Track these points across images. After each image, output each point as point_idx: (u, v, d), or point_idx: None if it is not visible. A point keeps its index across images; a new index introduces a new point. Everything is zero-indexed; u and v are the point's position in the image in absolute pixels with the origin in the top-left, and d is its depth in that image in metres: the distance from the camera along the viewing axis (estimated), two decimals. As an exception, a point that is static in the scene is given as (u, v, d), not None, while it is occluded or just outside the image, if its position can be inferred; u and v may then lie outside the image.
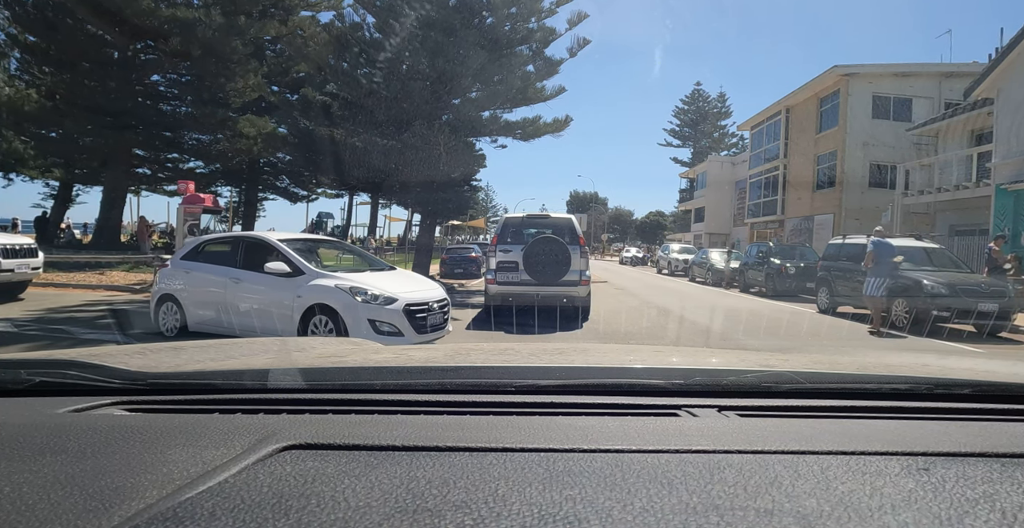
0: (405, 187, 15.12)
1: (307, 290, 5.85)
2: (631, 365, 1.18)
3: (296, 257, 6.16)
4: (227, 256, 6.63)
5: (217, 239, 7.52)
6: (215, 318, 6.27)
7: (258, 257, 6.41)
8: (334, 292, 5.75)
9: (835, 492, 0.56)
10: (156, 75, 20.01)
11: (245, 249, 6.57)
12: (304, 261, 6.16)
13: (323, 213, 42.96)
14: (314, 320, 5.78)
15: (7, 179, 22.49)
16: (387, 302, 5.74)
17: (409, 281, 6.58)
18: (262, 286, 6.12)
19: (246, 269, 6.34)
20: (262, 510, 0.51)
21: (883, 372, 1.14)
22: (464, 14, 13.26)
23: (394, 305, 5.74)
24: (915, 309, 8.90)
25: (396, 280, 6.40)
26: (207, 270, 6.58)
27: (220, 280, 6.38)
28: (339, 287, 5.78)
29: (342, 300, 5.71)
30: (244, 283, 6.27)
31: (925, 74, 22.19)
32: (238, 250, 6.59)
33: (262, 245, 6.54)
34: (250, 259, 6.45)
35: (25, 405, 0.86)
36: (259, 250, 6.50)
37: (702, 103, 64.29)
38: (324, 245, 7.89)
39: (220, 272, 6.44)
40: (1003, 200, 14.77)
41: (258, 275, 6.15)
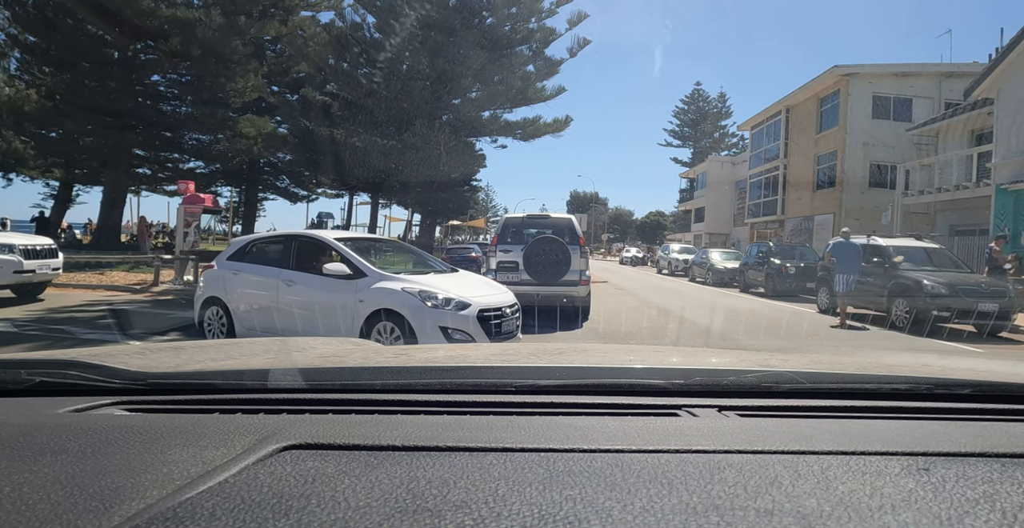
0: (405, 187, 15.15)
1: (370, 294, 5.39)
2: (631, 365, 1.18)
3: (357, 257, 5.71)
4: (278, 256, 6.21)
5: (267, 238, 7.10)
6: (266, 323, 5.89)
7: (313, 257, 6.02)
8: (401, 296, 5.29)
9: (835, 492, 0.56)
10: (156, 75, 20.03)
11: (298, 249, 6.14)
12: (365, 262, 5.71)
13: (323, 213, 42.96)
14: (378, 326, 5.34)
15: (7, 179, 22.54)
16: (460, 307, 5.32)
17: (477, 284, 6.16)
18: (319, 289, 5.66)
19: (299, 270, 5.92)
20: (262, 510, 0.51)
21: (883, 372, 1.14)
22: (464, 14, 13.27)
23: (467, 311, 5.33)
24: (915, 309, 8.90)
25: (464, 283, 5.97)
26: (256, 271, 6.16)
27: (271, 282, 5.95)
28: (407, 291, 5.32)
29: (410, 305, 5.25)
30: (298, 286, 5.82)
31: (925, 74, 22.20)
32: (290, 250, 6.15)
33: (317, 244, 6.14)
34: (304, 260, 6.03)
35: (25, 405, 0.86)
36: (314, 250, 6.11)
37: (702, 103, 64.32)
38: (380, 244, 7.29)
39: (271, 274, 6.02)
40: (1003, 200, 14.77)
41: (314, 277, 5.73)
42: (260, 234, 8.73)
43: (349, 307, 5.45)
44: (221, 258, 6.62)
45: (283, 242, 6.45)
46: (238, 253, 6.47)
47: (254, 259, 6.35)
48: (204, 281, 6.58)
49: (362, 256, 5.83)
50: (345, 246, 5.90)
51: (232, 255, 6.49)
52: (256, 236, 7.23)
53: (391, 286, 5.40)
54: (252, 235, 7.81)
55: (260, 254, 6.42)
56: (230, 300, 6.17)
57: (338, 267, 5.56)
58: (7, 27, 17.52)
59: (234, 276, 6.25)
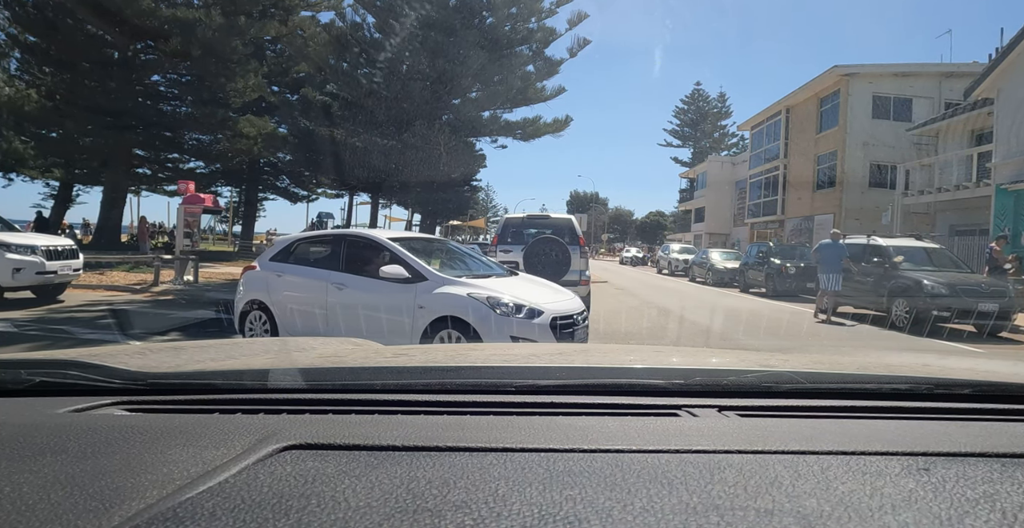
0: (405, 187, 15.15)
1: (432, 299, 4.96)
2: (631, 365, 1.18)
3: (415, 260, 5.28)
4: (326, 257, 5.84)
5: (313, 238, 6.73)
6: (313, 330, 5.49)
7: (364, 259, 5.62)
8: (467, 302, 4.83)
9: (835, 492, 0.56)
10: (156, 75, 20.03)
11: (348, 249, 5.73)
12: (425, 265, 5.29)
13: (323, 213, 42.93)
14: (441, 335, 4.94)
15: (7, 179, 22.54)
16: (531, 315, 4.84)
17: (543, 289, 5.64)
18: (373, 293, 5.24)
19: (350, 273, 5.51)
20: (262, 510, 0.51)
21: (883, 372, 1.14)
22: (464, 14, 13.28)
23: (540, 319, 4.84)
24: (915, 309, 8.91)
25: (530, 287, 5.51)
26: (303, 273, 5.77)
27: (319, 285, 5.54)
28: (473, 296, 4.86)
29: (478, 312, 4.78)
30: (349, 289, 5.39)
31: (925, 74, 22.20)
32: (340, 251, 5.73)
33: (369, 245, 5.71)
34: (355, 261, 5.63)
35: (25, 405, 0.86)
36: (366, 251, 5.69)
37: (702, 103, 64.32)
38: (433, 244, 6.67)
39: (319, 276, 5.62)
40: (1003, 200, 14.77)
41: (367, 280, 5.34)
42: (305, 233, 8.19)
43: (407, 313, 5.03)
44: (264, 258, 6.24)
45: (331, 242, 6.06)
46: (282, 253, 6.08)
47: (299, 260, 5.99)
48: (245, 282, 6.17)
49: (418, 258, 5.39)
50: (401, 247, 5.46)
51: (276, 255, 6.11)
52: (301, 235, 6.83)
53: (455, 291, 4.95)
54: (297, 234, 7.17)
55: (306, 254, 6.07)
56: (274, 303, 5.79)
57: (396, 270, 5.12)
58: (7, 27, 17.52)
59: (278, 278, 5.86)
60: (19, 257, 8.60)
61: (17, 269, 8.53)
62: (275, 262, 6.04)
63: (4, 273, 8.46)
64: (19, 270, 8.55)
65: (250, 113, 19.51)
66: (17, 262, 8.56)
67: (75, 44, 16.90)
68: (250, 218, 28.64)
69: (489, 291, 4.97)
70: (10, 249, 8.58)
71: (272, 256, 6.14)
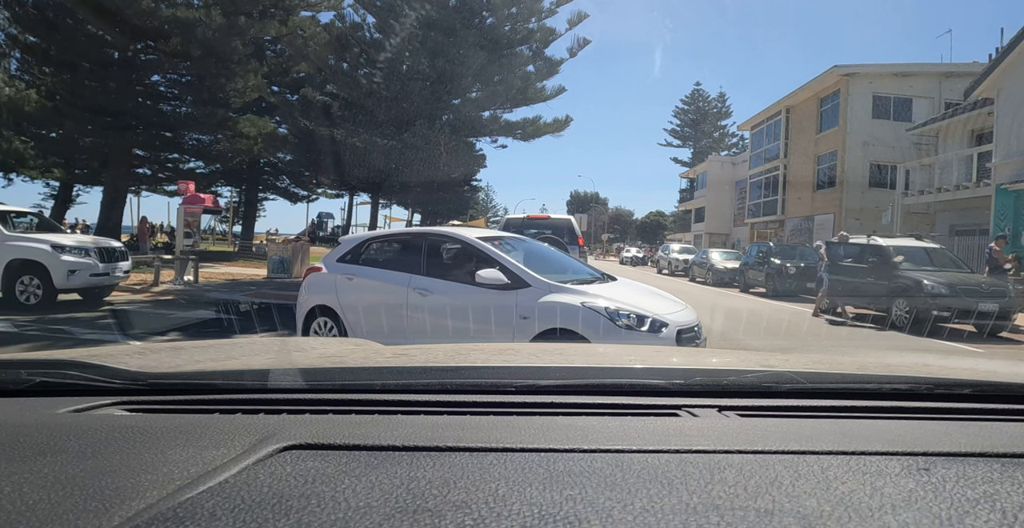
0: (405, 187, 15.16)
1: (539, 309, 4.33)
2: (631, 365, 1.18)
3: (515, 263, 4.67)
4: (405, 259, 5.29)
5: (388, 237, 6.09)
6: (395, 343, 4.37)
7: (451, 261, 5.13)
8: (582, 313, 4.23)
9: (835, 492, 0.56)
10: (156, 75, 20.01)
11: (431, 250, 5.18)
12: (528, 269, 4.65)
13: (323, 213, 43.10)
14: None
15: (7, 179, 22.55)
16: (656, 327, 4.23)
17: (655, 296, 5.04)
18: (465, 302, 4.61)
19: (435, 277, 4.94)
20: (262, 510, 0.51)
21: (883, 372, 1.14)
22: (464, 14, 13.28)
23: (665, 331, 4.24)
24: (915, 309, 8.91)
25: (642, 295, 4.88)
26: (378, 277, 5.21)
27: (398, 291, 4.92)
28: (589, 307, 4.26)
29: (594, 325, 4.19)
30: (435, 296, 4.79)
31: (925, 74, 22.20)
32: (421, 252, 5.16)
33: (457, 246, 5.17)
34: (440, 264, 5.12)
35: (25, 405, 0.86)
36: (452, 252, 5.19)
37: (702, 103, 64.31)
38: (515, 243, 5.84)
39: (398, 280, 5.02)
40: (1003, 200, 14.77)
41: (456, 286, 4.77)
42: (379, 231, 7.31)
43: (507, 325, 4.42)
44: (330, 259, 5.65)
45: (410, 242, 5.53)
46: (351, 254, 5.50)
47: (373, 261, 5.43)
48: (309, 286, 5.59)
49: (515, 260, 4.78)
50: (495, 248, 4.88)
51: (343, 256, 5.53)
52: (374, 234, 6.25)
53: (566, 300, 4.32)
54: (368, 233, 6.52)
55: (380, 256, 5.54)
56: (345, 310, 5.19)
57: (494, 275, 4.50)
58: (7, 27, 17.51)
59: (349, 282, 5.27)
60: (74, 259, 8.58)
61: (72, 271, 8.51)
62: (344, 263, 5.45)
63: (59, 275, 8.43)
64: (74, 272, 8.53)
65: (250, 113, 19.49)
66: (72, 264, 8.54)
67: (75, 44, 16.88)
68: (250, 218, 28.64)
69: (605, 300, 4.34)
70: (65, 251, 8.56)
71: (340, 256, 5.55)
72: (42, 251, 8.48)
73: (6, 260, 8.44)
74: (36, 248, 8.52)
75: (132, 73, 18.20)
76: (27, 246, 8.55)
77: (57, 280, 8.45)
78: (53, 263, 8.42)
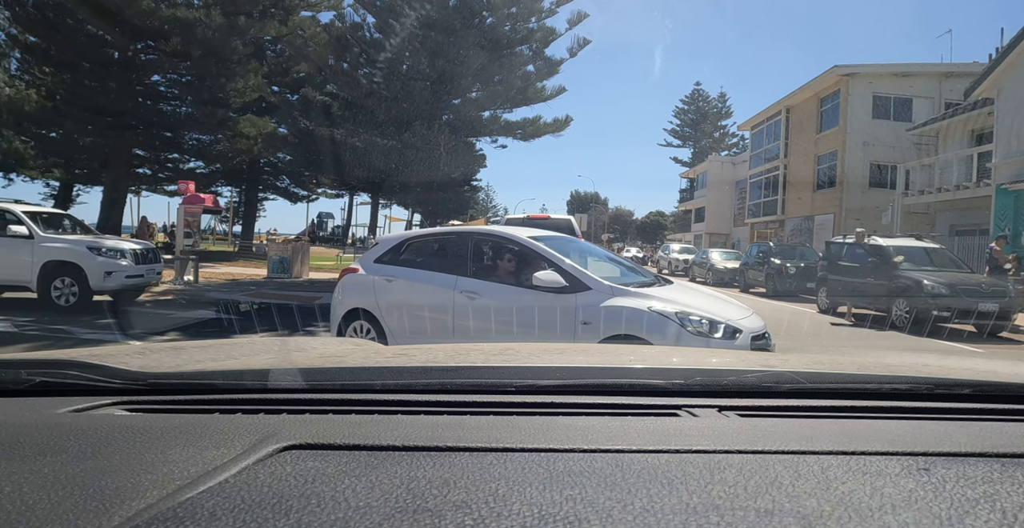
0: (405, 187, 15.16)
1: (602, 314, 4.06)
2: (631, 365, 1.18)
3: (573, 265, 4.35)
4: (448, 260, 4.98)
5: (429, 236, 5.71)
6: None
7: (500, 262, 4.81)
8: (649, 318, 3.95)
9: (835, 492, 0.56)
10: (156, 75, 20.03)
11: (478, 251, 4.88)
12: (587, 271, 4.34)
13: (323, 213, 43.17)
14: None
15: (7, 179, 22.55)
16: (730, 334, 3.96)
17: (718, 300, 4.70)
18: (519, 305, 4.28)
19: (482, 278, 4.64)
20: (262, 510, 0.51)
21: (883, 372, 1.14)
22: (464, 14, 13.28)
23: (740, 339, 3.97)
24: (915, 309, 8.91)
25: (707, 299, 4.56)
26: (421, 279, 4.88)
27: (445, 294, 4.62)
28: (658, 312, 3.96)
29: (664, 331, 3.90)
30: (486, 299, 4.45)
31: (925, 74, 22.20)
32: (466, 252, 4.84)
33: (507, 246, 4.81)
34: (489, 265, 4.83)
35: (25, 405, 0.86)
36: (502, 252, 4.83)
37: (702, 103, 64.29)
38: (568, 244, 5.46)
39: (443, 282, 4.69)
40: (1004, 200, 14.77)
41: (508, 289, 4.48)
42: (418, 230, 6.85)
43: (567, 331, 4.17)
44: (367, 259, 5.36)
45: (454, 241, 5.21)
46: (390, 254, 5.20)
47: (413, 262, 5.10)
48: (345, 288, 5.27)
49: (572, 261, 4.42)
50: (549, 248, 4.54)
51: (382, 256, 5.22)
52: (413, 233, 5.90)
53: (631, 304, 4.03)
54: (407, 232, 6.09)
55: (421, 256, 5.19)
56: (384, 314, 4.88)
57: (552, 277, 4.19)
58: (7, 27, 17.53)
59: (388, 284, 4.96)
60: (110, 261, 8.56)
61: (108, 272, 8.48)
62: (382, 264, 5.13)
63: (96, 277, 8.39)
64: (110, 273, 8.49)
65: (250, 113, 19.51)
66: (108, 265, 8.51)
67: (75, 44, 16.89)
68: (250, 218, 28.65)
69: (673, 304, 4.05)
70: (101, 252, 8.54)
71: (377, 257, 5.24)
72: (79, 252, 8.43)
73: (42, 261, 8.39)
74: (72, 249, 8.48)
75: (132, 73, 18.20)
76: (63, 247, 8.52)
77: (94, 282, 8.40)
78: (90, 265, 8.38)
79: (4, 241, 8.45)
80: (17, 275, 8.46)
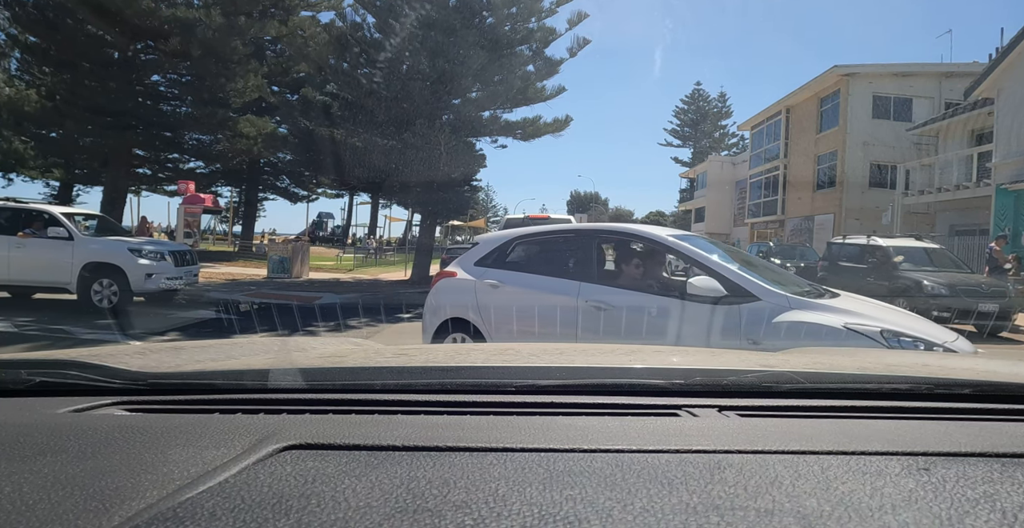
0: (405, 187, 15.14)
1: (780, 332, 3.38)
2: (631, 365, 1.18)
3: (734, 270, 3.66)
4: (568, 263, 4.30)
5: (543, 234, 4.89)
6: None
7: (633, 266, 4.17)
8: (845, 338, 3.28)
9: (835, 492, 0.56)
10: (156, 75, 20.02)
11: (602, 252, 4.29)
12: (753, 277, 3.66)
13: (323, 213, 43.15)
14: None
15: (7, 179, 22.54)
16: None
17: (906, 314, 4.11)
18: (662, 318, 3.68)
19: (612, 285, 4.03)
20: (262, 510, 0.51)
21: (883, 372, 1.14)
22: (464, 14, 13.27)
23: None
24: (915, 309, 8.90)
25: (898, 313, 3.94)
26: (534, 285, 4.19)
27: (566, 303, 3.90)
28: (857, 330, 3.27)
29: None
30: (615, 312, 3.78)
31: (925, 74, 22.20)
32: (589, 254, 4.18)
33: (643, 245, 4.19)
34: (618, 268, 4.28)
35: (25, 405, 0.86)
36: (635, 254, 4.21)
37: (702, 103, 64.27)
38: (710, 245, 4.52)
39: (564, 289, 3.99)
40: (1003, 200, 14.77)
41: (648, 298, 3.83)
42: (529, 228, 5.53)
43: None
44: (466, 261, 4.67)
45: (574, 240, 4.48)
46: (495, 255, 4.53)
47: (523, 265, 4.47)
48: (441, 294, 4.62)
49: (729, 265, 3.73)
50: (696, 248, 3.89)
51: (483, 259, 4.56)
52: (523, 231, 4.89)
53: (820, 320, 3.35)
54: (514, 230, 5.08)
55: (532, 258, 4.56)
56: (491, 326, 4.21)
57: (709, 284, 3.49)
58: (7, 27, 17.53)
59: (494, 290, 4.27)
60: (151, 263, 8.57)
61: (149, 274, 8.49)
62: (486, 267, 4.47)
63: (137, 279, 8.40)
64: (151, 276, 8.51)
65: (250, 113, 19.51)
66: (149, 267, 8.52)
67: (75, 44, 16.88)
68: (250, 218, 28.63)
69: (870, 319, 3.38)
70: (142, 254, 8.54)
71: (479, 258, 4.58)
72: (120, 254, 8.43)
73: (82, 263, 8.38)
74: (114, 251, 8.48)
75: (132, 73, 18.20)
76: (104, 249, 8.53)
77: (135, 284, 8.39)
78: (131, 266, 8.38)
79: (44, 243, 8.44)
80: (56, 277, 8.47)
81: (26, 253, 8.45)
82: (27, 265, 8.47)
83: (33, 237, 8.50)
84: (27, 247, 8.45)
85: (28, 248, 8.46)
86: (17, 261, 8.45)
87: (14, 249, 8.44)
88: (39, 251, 8.44)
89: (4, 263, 8.45)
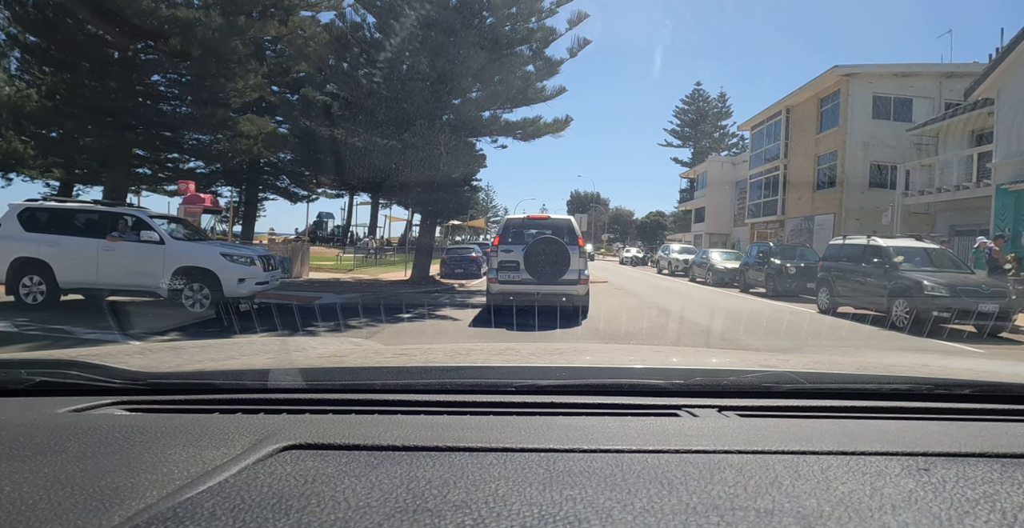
0: (405, 187, 15.13)
1: None
2: (631, 365, 1.18)
3: None
4: None
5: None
6: None
7: None
8: None
9: (835, 492, 0.56)
10: (156, 75, 19.99)
11: None
12: None
13: (323, 213, 43.20)
14: None
15: (7, 179, 22.52)
16: None
17: None
18: None
19: None
20: (262, 510, 0.51)
21: (883, 372, 1.14)
22: (464, 14, 13.27)
23: None
24: (915, 309, 8.90)
25: None
26: None
27: None
28: None
29: None
30: None
31: (925, 74, 22.19)
32: None
33: None
34: None
35: (25, 405, 0.86)
36: None
37: (702, 103, 64.27)
38: None
39: None
40: (1003, 200, 14.77)
41: None
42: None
43: None
44: None
45: None
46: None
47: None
48: None
49: None
50: None
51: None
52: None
53: None
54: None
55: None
56: None
57: None
58: (7, 27, 17.51)
59: None
60: (243, 267, 8.54)
61: (241, 279, 8.46)
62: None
63: (230, 283, 8.37)
64: (243, 280, 8.48)
65: (250, 113, 19.49)
66: (241, 272, 8.50)
67: (75, 44, 16.87)
68: (250, 218, 28.63)
69: None
70: (234, 259, 8.51)
71: None
72: (213, 259, 8.39)
73: (174, 267, 8.33)
74: (207, 256, 8.44)
75: (132, 73, 18.18)
76: (196, 254, 8.49)
77: (228, 288, 8.33)
78: (224, 271, 8.34)
79: (135, 247, 8.37)
80: (147, 282, 8.41)
81: (115, 257, 8.35)
82: (116, 269, 8.36)
83: (121, 240, 8.40)
84: (116, 250, 8.35)
85: (117, 251, 8.35)
86: (105, 264, 8.34)
87: (102, 252, 8.35)
88: (129, 255, 8.34)
89: (92, 266, 8.34)
